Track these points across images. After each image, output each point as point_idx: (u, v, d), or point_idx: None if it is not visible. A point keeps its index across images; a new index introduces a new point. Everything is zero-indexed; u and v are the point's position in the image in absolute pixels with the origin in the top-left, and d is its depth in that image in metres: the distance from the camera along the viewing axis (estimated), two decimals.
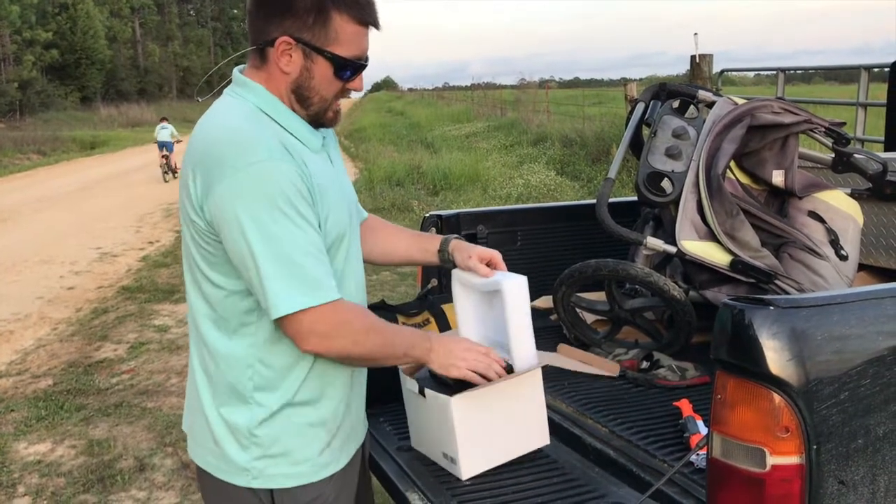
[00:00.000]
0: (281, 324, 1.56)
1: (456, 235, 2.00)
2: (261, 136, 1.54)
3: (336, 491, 1.74)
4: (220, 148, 1.53)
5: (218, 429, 1.67)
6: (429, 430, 2.06)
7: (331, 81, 1.62)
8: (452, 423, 1.91)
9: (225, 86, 1.73)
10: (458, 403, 1.89)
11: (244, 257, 1.52)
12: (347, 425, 1.78)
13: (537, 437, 2.08)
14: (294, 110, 1.64)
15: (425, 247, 2.01)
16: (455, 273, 1.99)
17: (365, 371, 1.86)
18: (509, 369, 1.87)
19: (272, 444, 1.65)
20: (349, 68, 1.62)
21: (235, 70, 1.70)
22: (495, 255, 1.92)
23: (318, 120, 1.67)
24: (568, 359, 2.51)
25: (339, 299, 1.56)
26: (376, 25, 1.64)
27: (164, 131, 17.90)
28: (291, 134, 1.62)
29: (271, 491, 1.67)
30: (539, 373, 2.01)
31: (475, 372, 1.79)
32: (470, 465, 1.98)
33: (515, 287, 1.86)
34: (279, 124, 1.61)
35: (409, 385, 2.06)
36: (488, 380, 1.81)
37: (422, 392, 1.99)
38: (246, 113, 1.60)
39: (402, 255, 2.04)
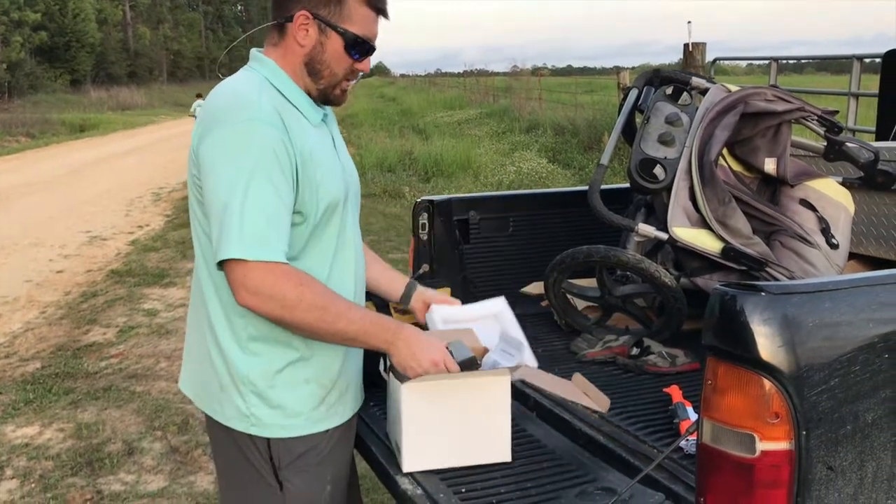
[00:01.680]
0: (225, 272, 1.65)
1: (420, 287, 2.17)
2: (257, 99, 1.68)
3: (330, 446, 1.86)
4: (219, 105, 1.71)
5: (223, 375, 1.78)
6: (392, 415, 2.03)
7: (341, 57, 1.77)
8: (400, 410, 1.88)
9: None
10: (410, 390, 1.86)
11: (211, 203, 1.65)
12: (342, 384, 1.88)
13: (497, 450, 1.96)
14: (305, 84, 1.79)
15: (390, 280, 2.19)
16: (433, 315, 2.14)
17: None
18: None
19: (268, 393, 1.77)
20: (358, 47, 1.77)
21: (252, 51, 1.85)
22: (444, 300, 2.17)
23: (326, 95, 1.81)
24: (567, 387, 2.43)
25: (280, 262, 1.63)
26: (385, 14, 1.81)
27: (201, 107, 17.88)
28: (294, 105, 1.76)
29: (268, 440, 1.79)
30: (507, 382, 1.94)
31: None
32: (413, 458, 1.90)
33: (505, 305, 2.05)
34: (283, 95, 1.75)
35: (380, 365, 2.04)
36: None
37: (388, 373, 1.98)
38: (253, 81, 1.75)
39: (370, 279, 2.12)
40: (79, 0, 47.77)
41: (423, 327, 2.15)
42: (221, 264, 1.64)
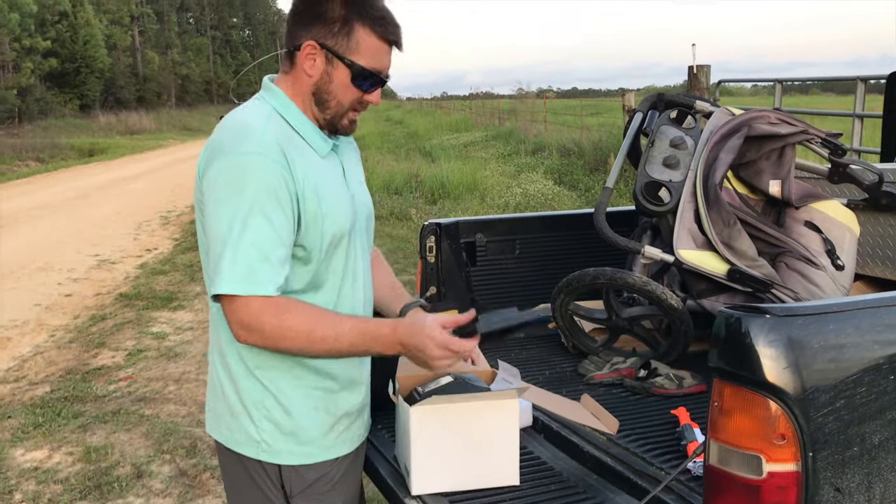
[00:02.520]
0: (221, 305, 1.66)
1: (421, 303, 2.06)
2: (260, 131, 1.67)
3: (340, 472, 1.87)
4: (224, 136, 1.70)
5: (233, 401, 1.79)
6: (401, 438, 2.04)
7: (347, 88, 1.75)
8: (409, 432, 1.89)
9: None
10: (418, 413, 1.87)
11: (208, 235, 1.66)
12: (352, 411, 1.88)
13: (506, 473, 1.97)
14: (313, 113, 1.78)
15: (392, 298, 2.09)
16: None
17: (367, 364, 1.94)
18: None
19: (280, 420, 1.77)
20: (366, 78, 1.74)
21: (265, 78, 1.85)
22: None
23: (334, 125, 1.80)
24: (575, 409, 2.44)
25: (270, 296, 1.62)
26: (398, 45, 1.77)
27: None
28: (301, 136, 1.75)
29: (279, 467, 1.79)
30: (516, 404, 1.95)
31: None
32: (422, 481, 1.91)
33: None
34: (291, 126, 1.75)
35: (389, 388, 2.06)
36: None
37: (396, 396, 1.99)
38: (261, 112, 1.75)
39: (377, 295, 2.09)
40: (89, 26, 48.22)
41: None
42: (217, 297, 1.65)
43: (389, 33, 1.74)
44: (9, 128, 34.97)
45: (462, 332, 1.78)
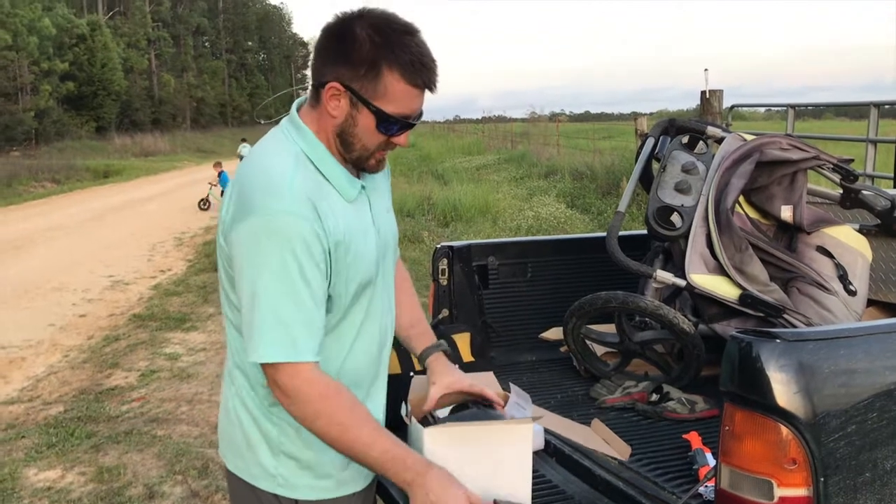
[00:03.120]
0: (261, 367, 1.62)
1: (443, 347, 2.00)
2: (291, 187, 1.59)
3: None
4: (253, 188, 1.60)
5: (251, 434, 1.75)
6: None
7: (373, 133, 1.65)
8: (423, 455, 1.89)
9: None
10: (432, 436, 1.88)
11: (242, 295, 1.60)
12: None
13: (519, 498, 1.95)
14: (339, 153, 1.69)
15: (412, 337, 2.03)
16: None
17: (379, 391, 1.90)
18: None
19: (298, 454, 1.74)
20: (393, 124, 1.64)
21: (294, 105, 1.75)
22: (459, 386, 1.95)
23: (360, 165, 1.71)
24: (586, 435, 2.45)
25: (309, 364, 1.58)
26: (430, 88, 1.65)
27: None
28: (329, 182, 1.67)
29: (296, 501, 1.75)
30: (530, 431, 1.94)
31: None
32: None
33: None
34: (320, 171, 1.66)
35: (403, 410, 2.06)
36: None
37: (409, 418, 1.99)
38: (289, 157, 1.65)
39: (399, 324, 2.04)
40: (106, 50, 48.80)
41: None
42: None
43: (419, 77, 1.61)
44: (26, 149, 35.39)
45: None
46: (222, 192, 17.29)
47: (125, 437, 4.80)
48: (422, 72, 1.62)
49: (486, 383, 2.10)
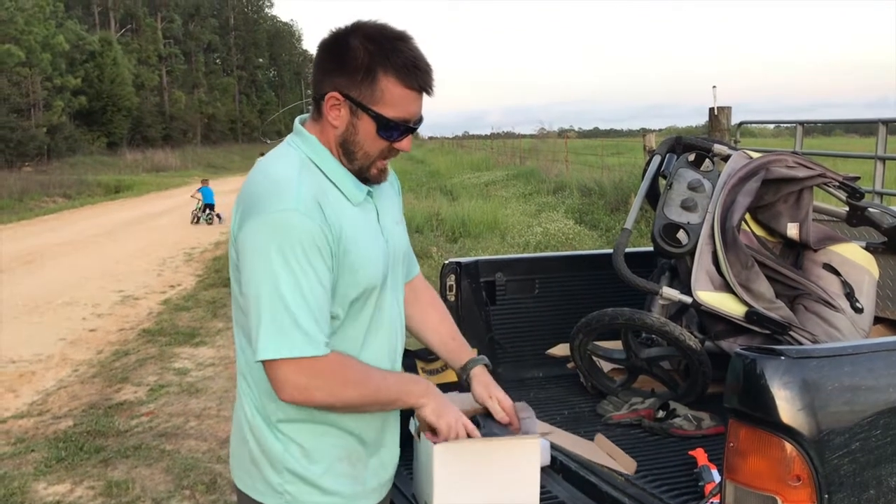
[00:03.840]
0: (265, 368, 1.62)
1: (485, 361, 2.03)
2: (296, 187, 1.62)
3: None
4: (259, 191, 1.64)
5: (255, 451, 1.76)
6: (420, 474, 2.06)
7: (374, 139, 1.68)
8: (433, 470, 1.90)
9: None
10: (442, 451, 1.88)
11: (249, 295, 1.61)
12: (378, 463, 1.85)
13: None
14: (342, 163, 1.72)
15: (452, 352, 2.07)
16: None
17: (396, 414, 1.91)
18: None
19: (304, 472, 1.73)
20: (393, 129, 1.68)
21: (297, 120, 1.79)
22: (508, 402, 1.98)
23: (362, 175, 1.74)
24: (591, 449, 2.46)
25: (323, 355, 1.60)
26: (427, 91, 1.69)
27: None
28: (335, 185, 1.70)
29: None
30: (538, 446, 1.97)
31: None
32: None
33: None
34: (325, 174, 1.69)
35: (411, 426, 2.07)
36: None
37: (418, 434, 2.01)
38: (294, 162, 1.69)
39: (429, 345, 2.09)
40: (117, 66, 49.22)
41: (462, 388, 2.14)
42: (262, 363, 1.61)
43: (415, 80, 1.65)
44: (38, 164, 35.61)
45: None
46: (205, 207, 17.94)
47: (134, 451, 4.81)
48: (417, 74, 1.66)
49: (466, 403, 2.11)
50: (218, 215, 17.94)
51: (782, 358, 1.52)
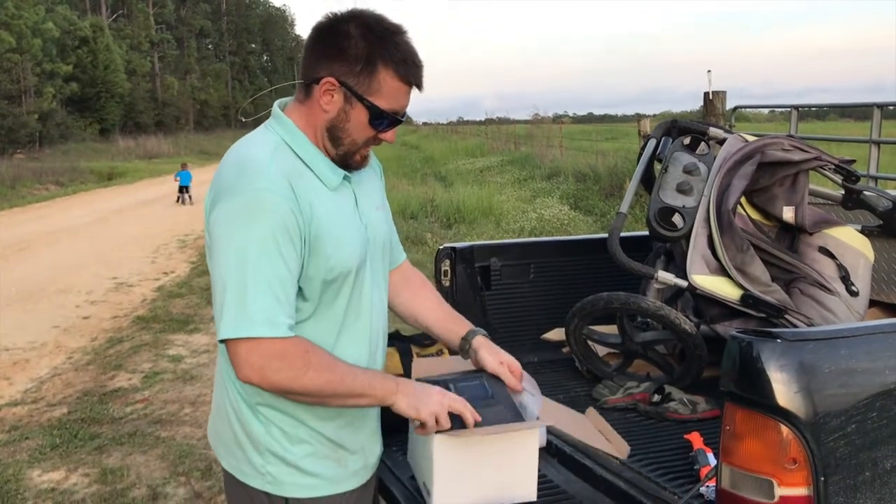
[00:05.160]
0: (226, 347, 1.63)
1: (483, 332, 2.02)
2: (268, 167, 1.63)
3: None
4: (231, 171, 1.66)
5: (238, 432, 1.78)
6: (420, 456, 2.06)
7: (364, 127, 1.71)
8: (432, 460, 1.90)
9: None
10: (441, 442, 1.88)
11: (216, 273, 1.63)
12: (356, 445, 1.85)
13: (523, 490, 1.98)
14: (325, 147, 1.73)
15: (451, 328, 2.05)
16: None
17: (375, 413, 1.91)
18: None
19: (285, 455, 1.75)
20: (384, 119, 1.71)
21: (276, 104, 1.80)
22: (517, 364, 1.96)
23: (346, 161, 1.75)
24: (583, 426, 2.47)
25: (282, 337, 1.59)
26: (419, 86, 1.73)
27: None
28: (310, 168, 1.71)
29: (286, 499, 1.77)
30: (537, 434, 1.97)
31: (452, 413, 1.77)
32: (442, 501, 1.92)
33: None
34: (300, 157, 1.71)
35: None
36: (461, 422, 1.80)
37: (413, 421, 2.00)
38: (268, 144, 1.70)
39: (425, 325, 2.07)
40: (109, 52, 48.90)
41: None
42: (222, 342, 1.62)
43: (411, 75, 1.69)
44: (30, 152, 35.44)
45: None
46: (180, 188, 19.47)
47: (129, 438, 4.81)
48: (413, 70, 1.69)
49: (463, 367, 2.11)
50: (189, 196, 19.21)
51: (778, 341, 1.51)
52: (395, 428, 2.14)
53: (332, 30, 1.68)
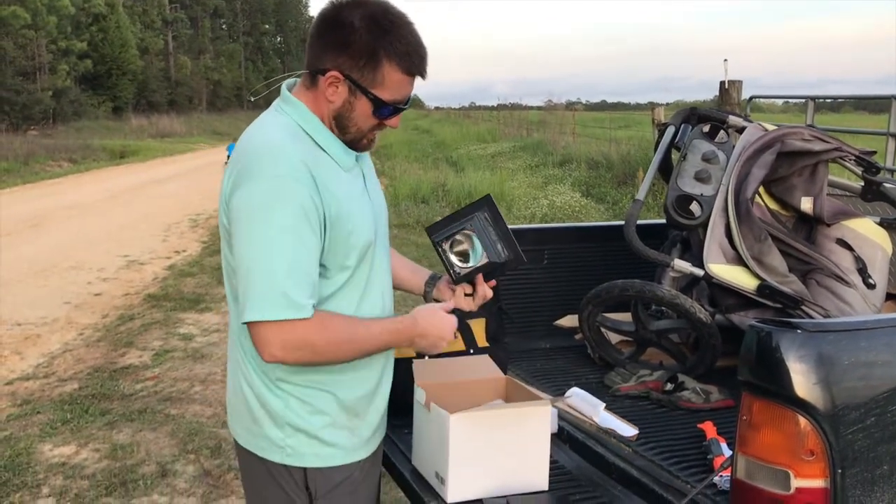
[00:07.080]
0: (249, 329, 1.67)
1: (440, 275, 2.11)
2: (288, 153, 1.66)
3: (363, 475, 1.89)
4: (251, 157, 1.68)
5: (256, 408, 1.81)
6: (428, 445, 2.06)
7: (369, 117, 1.75)
8: (447, 441, 1.90)
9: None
10: (457, 421, 1.89)
11: (239, 259, 1.66)
12: (373, 416, 1.90)
13: (535, 479, 2.00)
14: (332, 131, 1.77)
15: (415, 277, 2.15)
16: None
17: (390, 365, 1.97)
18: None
19: (304, 426, 1.79)
20: (388, 109, 1.74)
21: (283, 85, 1.82)
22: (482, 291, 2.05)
23: (353, 145, 1.80)
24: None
25: (305, 318, 1.64)
26: (423, 76, 1.75)
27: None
28: (325, 151, 1.74)
29: (304, 470, 1.81)
30: (548, 412, 1.99)
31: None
32: (457, 489, 1.93)
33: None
34: (315, 141, 1.74)
35: (418, 396, 2.07)
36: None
37: (427, 405, 2.01)
38: (285, 128, 1.73)
39: (398, 279, 2.14)
40: (122, 30, 48.90)
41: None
42: (246, 324, 1.66)
43: (415, 67, 1.72)
44: (43, 128, 35.52)
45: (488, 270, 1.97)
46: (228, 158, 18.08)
47: (139, 415, 4.83)
48: (416, 61, 1.72)
49: (482, 365, 2.14)
50: None
51: (798, 331, 1.50)
52: (395, 411, 2.14)
53: (337, 20, 1.68)
